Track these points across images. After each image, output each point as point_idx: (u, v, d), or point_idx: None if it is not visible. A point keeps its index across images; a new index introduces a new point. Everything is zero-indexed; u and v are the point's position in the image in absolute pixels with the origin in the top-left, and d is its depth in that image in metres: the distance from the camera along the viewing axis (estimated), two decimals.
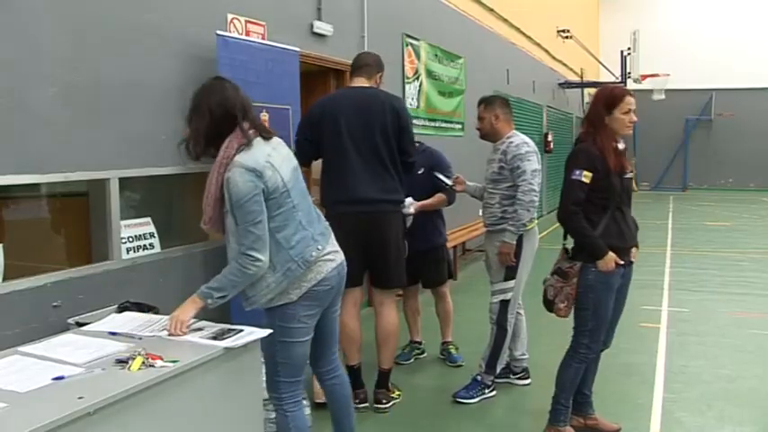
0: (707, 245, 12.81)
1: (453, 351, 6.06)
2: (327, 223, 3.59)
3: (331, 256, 3.44)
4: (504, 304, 5.05)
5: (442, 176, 5.58)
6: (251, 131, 3.24)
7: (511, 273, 4.99)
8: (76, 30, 4.14)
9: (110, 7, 4.38)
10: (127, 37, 4.52)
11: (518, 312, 5.30)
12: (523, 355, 5.45)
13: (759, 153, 28.60)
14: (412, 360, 6.12)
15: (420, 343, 6.23)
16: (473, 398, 5.16)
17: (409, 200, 5.23)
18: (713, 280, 9.53)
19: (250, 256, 3.17)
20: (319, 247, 3.37)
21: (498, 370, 5.25)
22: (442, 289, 6.06)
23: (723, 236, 14.56)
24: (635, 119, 4.11)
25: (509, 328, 5.09)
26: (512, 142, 5.08)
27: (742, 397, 5.29)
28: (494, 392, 5.25)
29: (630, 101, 4.11)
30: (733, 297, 8.69)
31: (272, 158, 3.24)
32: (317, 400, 4.73)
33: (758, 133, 28.70)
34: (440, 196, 5.70)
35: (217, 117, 3.23)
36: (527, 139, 5.16)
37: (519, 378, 5.49)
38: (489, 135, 5.32)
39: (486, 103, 5.39)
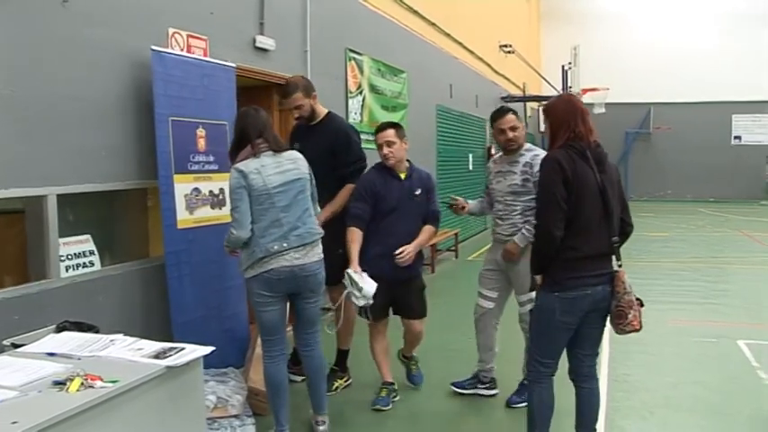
0: (647, 255, 13.07)
1: (414, 369, 5.65)
2: (318, 238, 4.50)
3: (290, 256, 4.31)
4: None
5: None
6: (263, 146, 4.35)
7: (533, 283, 4.84)
8: (12, 43, 4.06)
9: (50, 20, 4.31)
10: (66, 50, 4.44)
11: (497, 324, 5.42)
12: (493, 367, 5.50)
13: (696, 165, 29.36)
14: (390, 406, 5.35)
15: (392, 383, 5.48)
16: (524, 401, 5.10)
17: (369, 289, 4.88)
18: (654, 289, 9.68)
19: (231, 227, 4.31)
20: (285, 244, 4.28)
21: None
22: (417, 324, 5.39)
23: (662, 246, 14.91)
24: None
25: None
26: (536, 155, 5.04)
27: (683, 403, 5.40)
28: None
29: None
30: (673, 306, 8.84)
31: (265, 167, 4.28)
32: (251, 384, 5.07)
33: (694, 146, 29.49)
34: (430, 229, 5.28)
35: (237, 137, 4.46)
36: None
37: (486, 388, 5.51)
38: (519, 147, 5.27)
39: (514, 113, 5.34)
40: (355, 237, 5.02)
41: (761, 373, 6.08)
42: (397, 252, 4.99)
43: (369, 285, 4.88)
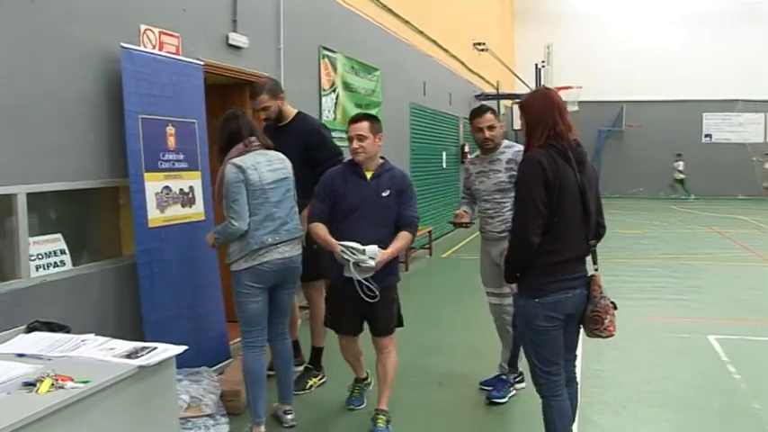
0: (620, 252, 13.15)
1: (381, 423, 4.75)
2: (302, 235, 4.78)
3: (282, 249, 4.55)
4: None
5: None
6: (255, 144, 4.60)
7: None
8: None
9: (18, 17, 4.25)
10: (36, 48, 4.38)
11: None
12: (520, 359, 5.50)
13: (667, 163, 29.59)
14: (365, 404, 5.24)
15: (365, 378, 5.38)
16: (504, 397, 5.35)
17: (372, 248, 4.48)
18: (626, 286, 9.77)
19: (230, 220, 4.43)
20: (277, 237, 4.51)
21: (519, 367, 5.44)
22: (386, 340, 4.85)
23: (635, 243, 15.03)
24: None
25: None
26: (519, 151, 5.02)
27: (655, 398, 5.46)
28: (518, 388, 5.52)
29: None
30: (645, 302, 8.94)
31: (259, 164, 4.50)
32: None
33: (666, 144, 29.77)
34: (406, 236, 4.73)
35: (227, 136, 4.63)
36: None
37: (516, 381, 5.56)
38: (497, 146, 5.29)
39: (493, 111, 5.34)
40: (320, 227, 4.67)
41: (730, 367, 6.17)
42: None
43: (368, 246, 4.47)
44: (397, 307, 4.93)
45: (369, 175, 4.77)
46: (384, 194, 4.71)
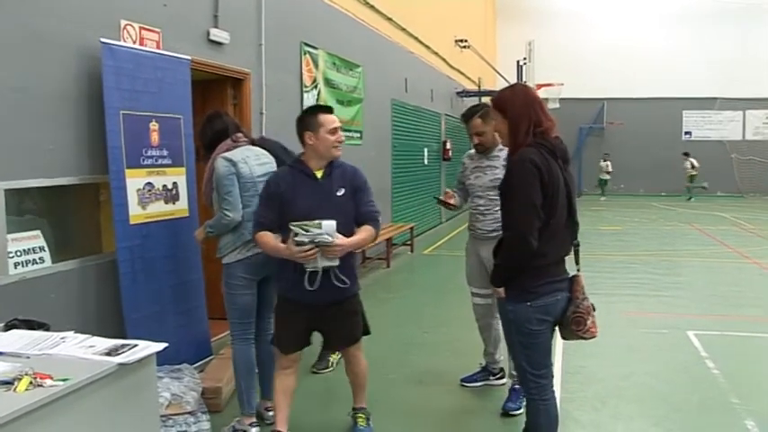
0: (600, 248, 13.26)
1: (362, 422, 4.69)
2: None
3: None
4: None
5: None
6: (243, 140, 4.78)
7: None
8: None
9: None
10: (14, 42, 4.35)
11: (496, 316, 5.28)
12: (501, 356, 5.56)
13: (648, 160, 29.86)
14: None
15: None
16: (520, 408, 4.99)
17: (329, 223, 3.95)
18: (607, 282, 9.83)
19: (224, 212, 4.56)
20: None
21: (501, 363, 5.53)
22: (352, 349, 4.54)
23: (615, 239, 15.13)
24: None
25: None
26: None
27: (634, 393, 5.50)
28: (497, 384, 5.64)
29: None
30: (626, 298, 9.01)
31: (248, 158, 4.67)
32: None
33: (647, 141, 30.02)
34: (369, 230, 4.28)
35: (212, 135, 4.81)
36: None
37: (497, 378, 5.64)
38: (491, 147, 5.23)
39: (482, 115, 5.19)
40: (267, 236, 4.16)
41: (709, 362, 6.21)
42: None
43: (324, 220, 3.93)
44: (362, 316, 4.54)
45: (319, 174, 4.26)
46: (339, 194, 4.23)
